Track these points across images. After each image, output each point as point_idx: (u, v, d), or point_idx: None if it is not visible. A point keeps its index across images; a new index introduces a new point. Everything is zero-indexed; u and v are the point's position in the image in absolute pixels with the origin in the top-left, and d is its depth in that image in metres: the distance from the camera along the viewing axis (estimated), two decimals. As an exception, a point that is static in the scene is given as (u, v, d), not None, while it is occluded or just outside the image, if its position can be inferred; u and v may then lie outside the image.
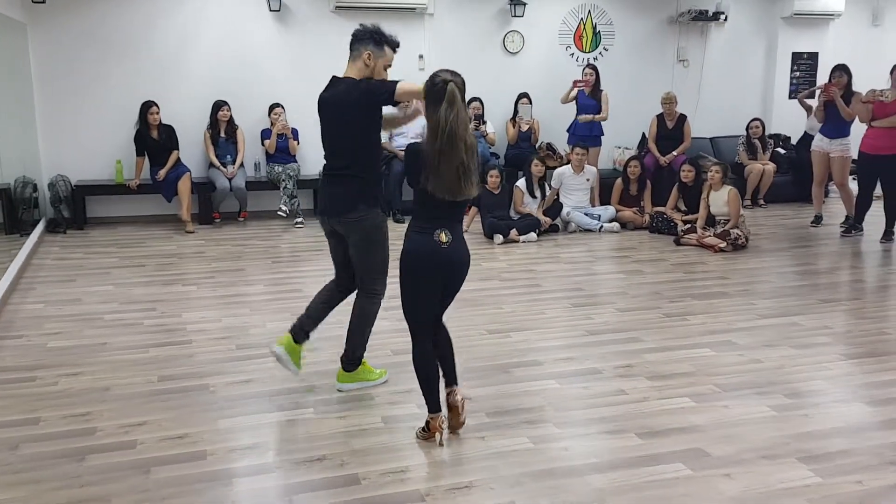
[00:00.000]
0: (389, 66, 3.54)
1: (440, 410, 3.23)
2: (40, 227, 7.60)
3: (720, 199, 7.02)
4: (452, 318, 4.87)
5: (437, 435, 3.21)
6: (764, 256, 6.70)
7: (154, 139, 7.98)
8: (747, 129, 9.23)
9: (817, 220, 7.97)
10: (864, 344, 4.45)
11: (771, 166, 9.02)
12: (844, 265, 6.61)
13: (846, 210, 7.72)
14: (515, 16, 9.18)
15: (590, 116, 8.49)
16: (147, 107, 7.91)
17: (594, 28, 9.59)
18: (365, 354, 3.83)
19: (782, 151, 9.30)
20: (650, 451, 3.13)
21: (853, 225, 7.44)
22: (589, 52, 9.60)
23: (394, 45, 3.53)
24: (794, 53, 10.13)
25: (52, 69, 7.91)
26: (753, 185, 9.09)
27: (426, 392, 3.24)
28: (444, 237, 3.10)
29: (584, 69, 8.79)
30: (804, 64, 10.16)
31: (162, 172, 7.92)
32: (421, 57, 8.87)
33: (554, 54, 9.47)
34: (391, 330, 4.38)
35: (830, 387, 3.81)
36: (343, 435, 3.32)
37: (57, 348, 4.47)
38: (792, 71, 10.15)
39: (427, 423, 3.25)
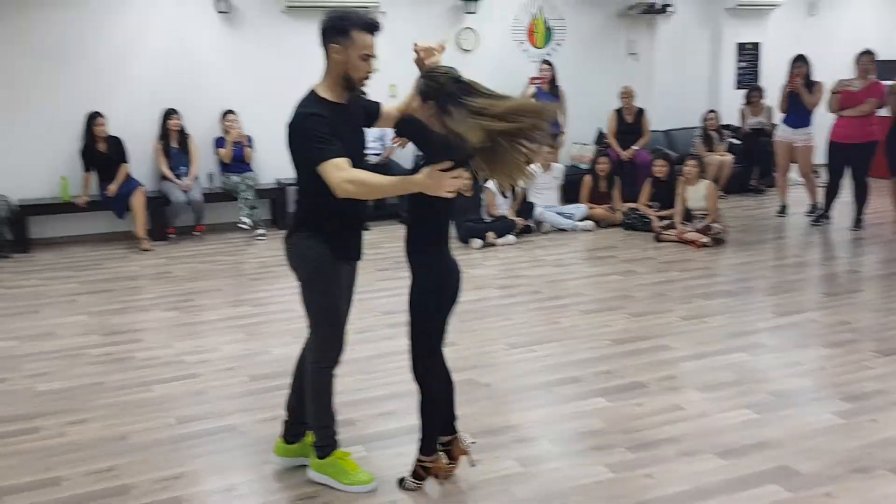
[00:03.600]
0: (370, 55, 2.75)
1: (438, 451, 2.96)
2: (-19, 252, 6.98)
3: (698, 193, 7.08)
4: (466, 333, 4.76)
5: (435, 479, 2.94)
6: (746, 250, 6.79)
7: (101, 152, 7.47)
8: (703, 120, 9.38)
9: (783, 209, 8.17)
10: (891, 338, 4.50)
11: (729, 157, 9.20)
12: (829, 255, 6.77)
13: (809, 199, 7.93)
14: (469, 12, 9.02)
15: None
16: (92, 119, 7.40)
17: (546, 23, 9.54)
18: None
19: (736, 142, 9.50)
20: (737, 473, 3.03)
21: (822, 214, 7.65)
22: (542, 47, 9.55)
23: (367, 26, 2.73)
24: (738, 44, 10.36)
25: (-15, 81, 7.27)
26: (712, 177, 9.21)
27: (433, 433, 2.91)
28: (452, 256, 2.89)
29: (539, 65, 8.72)
30: (748, 54, 10.40)
31: (113, 187, 7.42)
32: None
33: (508, 51, 9.36)
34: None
35: (883, 387, 3.81)
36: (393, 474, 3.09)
37: (49, 392, 4.06)
38: (738, 61, 10.39)
39: (421, 468, 2.93)
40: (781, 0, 10.22)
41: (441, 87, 2.67)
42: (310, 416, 3.03)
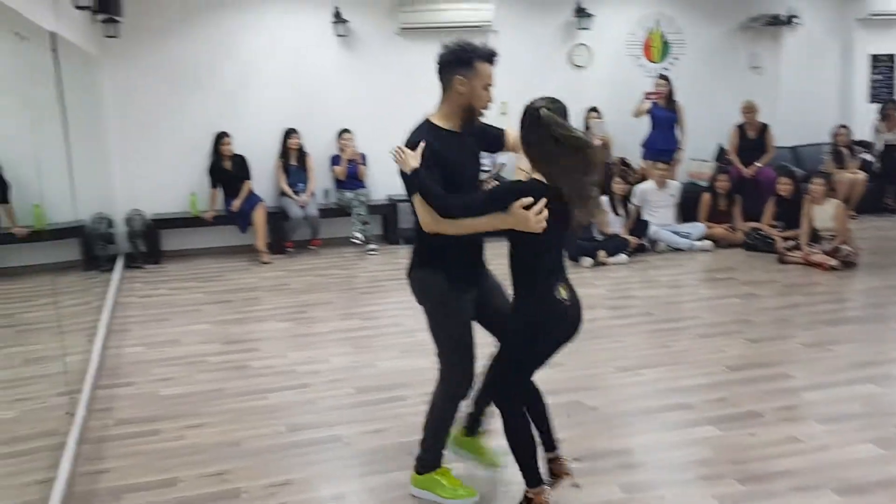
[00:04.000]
0: (490, 84, 2.81)
1: (543, 482, 2.86)
2: (120, 263, 7.50)
3: (825, 213, 6.69)
4: (573, 353, 4.66)
5: None
6: (879, 274, 6.35)
7: (227, 170, 7.88)
8: (833, 136, 8.87)
9: (921, 231, 7.61)
10: None
11: (861, 175, 8.65)
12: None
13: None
14: (582, 28, 8.94)
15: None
16: (219, 138, 7.83)
17: (663, 37, 9.33)
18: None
19: (870, 158, 8.93)
20: (858, 513, 2.85)
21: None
22: (658, 62, 9.33)
23: (488, 57, 2.80)
24: (871, 55, 9.76)
25: (126, 103, 7.83)
26: (843, 196, 8.71)
27: (529, 462, 2.81)
28: (564, 293, 2.71)
29: (656, 80, 8.53)
30: (883, 66, 9.78)
31: (236, 203, 7.81)
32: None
33: (622, 66, 9.22)
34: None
35: None
36: (490, 485, 3.07)
37: (171, 396, 4.30)
38: (872, 74, 9.78)
39: (528, 500, 2.83)
40: (921, 8, 9.56)
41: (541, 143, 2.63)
42: (427, 434, 3.06)
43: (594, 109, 8.79)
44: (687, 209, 8.02)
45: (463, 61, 2.78)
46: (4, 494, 2.77)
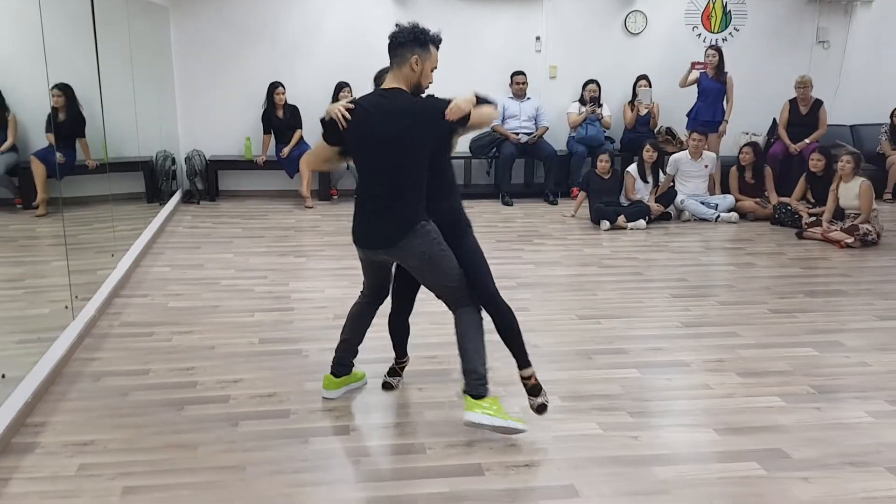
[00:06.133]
0: (435, 67, 3.11)
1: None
2: (176, 197, 8.17)
3: (851, 191, 6.57)
4: (545, 301, 4.93)
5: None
6: (893, 253, 6.22)
7: (279, 118, 8.37)
8: (891, 116, 8.54)
9: (964, 217, 7.31)
10: None
11: (916, 158, 8.32)
12: None
13: None
14: (639, -6, 8.91)
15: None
16: (274, 87, 8.30)
17: (724, 7, 9.15)
18: (448, 367, 3.74)
19: (931, 142, 8.55)
20: (726, 448, 3.03)
21: None
22: (718, 32, 9.18)
23: (438, 43, 3.10)
24: (950, 36, 9.25)
25: (191, 51, 8.44)
26: (895, 178, 8.43)
27: (523, 344, 3.20)
28: None
29: (706, 50, 8.43)
30: (962, 47, 9.26)
31: (286, 150, 8.30)
32: (538, 38, 8.79)
33: (679, 35, 9.11)
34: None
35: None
36: (419, 406, 3.42)
37: (175, 308, 4.83)
38: (948, 54, 9.29)
39: (537, 380, 3.20)
40: None
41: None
42: (475, 360, 3.13)
43: (643, 77, 8.78)
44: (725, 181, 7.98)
45: (420, 42, 3.04)
46: (14, 363, 3.42)
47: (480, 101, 3.09)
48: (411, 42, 3.03)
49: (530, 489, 2.78)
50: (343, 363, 3.55)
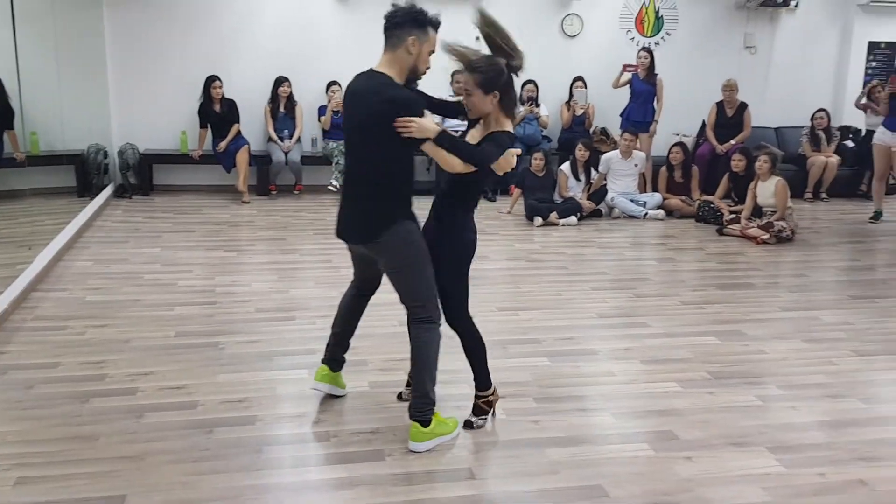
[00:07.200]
0: (433, 51, 2.93)
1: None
2: (107, 191, 8.04)
3: (767, 190, 6.81)
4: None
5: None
6: (808, 250, 6.48)
7: (216, 112, 8.29)
8: (812, 119, 8.88)
9: (877, 216, 7.63)
10: (881, 341, 4.29)
11: (835, 159, 8.65)
12: (891, 263, 6.33)
13: (909, 207, 7.37)
14: (575, -1, 9.07)
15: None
16: (210, 81, 8.21)
17: (657, 12, 9.39)
18: (374, 358, 3.74)
19: (850, 144, 8.90)
20: (619, 431, 3.15)
21: (911, 221, 7.11)
22: (650, 36, 9.41)
23: (437, 25, 2.92)
24: (870, 42, 9.64)
25: (125, 43, 8.31)
26: (815, 178, 8.75)
27: (486, 365, 3.15)
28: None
29: (638, 52, 8.64)
30: (881, 54, 9.66)
31: (222, 144, 8.23)
32: (478, 39, 8.84)
33: (613, 38, 9.32)
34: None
35: (829, 381, 3.71)
36: (329, 396, 3.45)
37: (93, 302, 4.78)
38: (868, 61, 9.67)
39: (487, 403, 3.16)
40: (925, -5, 9.39)
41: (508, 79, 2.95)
42: (424, 378, 3.04)
43: (579, 78, 8.95)
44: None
45: (419, 23, 2.86)
46: None
47: (445, 140, 2.84)
48: (409, 23, 2.86)
49: (427, 473, 2.84)
50: (336, 358, 3.39)
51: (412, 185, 3.01)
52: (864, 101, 8.28)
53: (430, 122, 2.83)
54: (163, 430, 3.12)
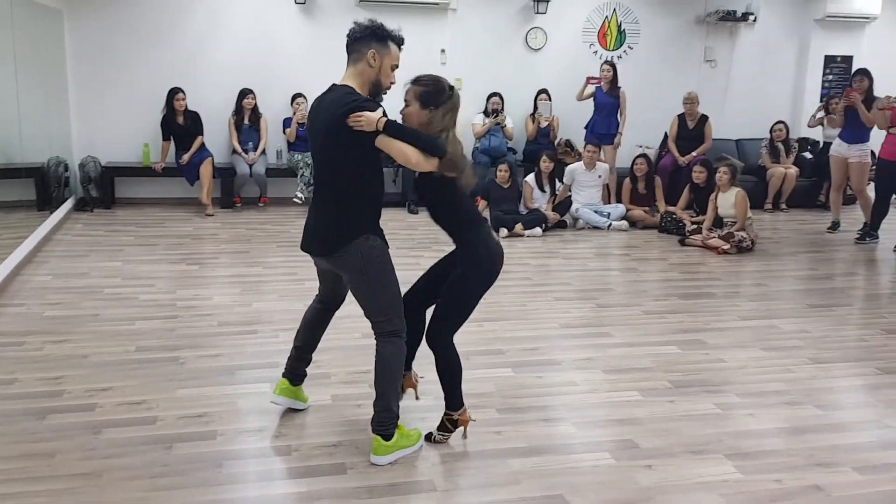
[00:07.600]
0: (396, 65, 3.00)
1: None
2: (67, 204, 7.92)
3: (728, 200, 6.94)
4: (432, 306, 5.00)
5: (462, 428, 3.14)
6: (768, 260, 6.60)
7: (179, 124, 8.22)
8: (771, 131, 9.07)
9: (834, 226, 7.80)
10: (838, 349, 4.39)
11: (794, 170, 8.85)
12: (848, 272, 6.48)
13: (865, 217, 7.54)
14: (539, 13, 9.18)
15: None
16: (174, 93, 8.15)
17: (619, 26, 9.53)
18: (337, 371, 3.72)
19: (808, 156, 9.11)
20: (581, 440, 3.17)
21: (868, 232, 7.27)
22: (613, 49, 9.55)
23: (399, 42, 3.00)
24: (826, 56, 9.90)
25: (86, 55, 8.22)
26: (775, 189, 8.93)
27: (458, 386, 3.10)
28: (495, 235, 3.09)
29: (601, 66, 8.76)
30: (837, 67, 9.91)
31: (185, 157, 8.16)
32: (443, 51, 8.95)
33: (577, 52, 9.45)
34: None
35: (787, 388, 3.78)
36: (290, 410, 3.43)
37: (51, 317, 4.69)
38: (824, 74, 9.92)
39: (452, 422, 3.11)
40: (878, 12, 9.65)
41: (449, 97, 2.96)
42: (385, 391, 3.00)
43: (544, 91, 9.04)
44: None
45: (379, 37, 2.94)
46: None
47: (394, 128, 2.85)
48: (368, 37, 2.93)
49: (390, 486, 2.83)
50: (297, 373, 3.35)
51: (380, 199, 3.02)
52: (819, 115, 8.47)
53: (377, 114, 2.84)
54: (122, 447, 3.07)
